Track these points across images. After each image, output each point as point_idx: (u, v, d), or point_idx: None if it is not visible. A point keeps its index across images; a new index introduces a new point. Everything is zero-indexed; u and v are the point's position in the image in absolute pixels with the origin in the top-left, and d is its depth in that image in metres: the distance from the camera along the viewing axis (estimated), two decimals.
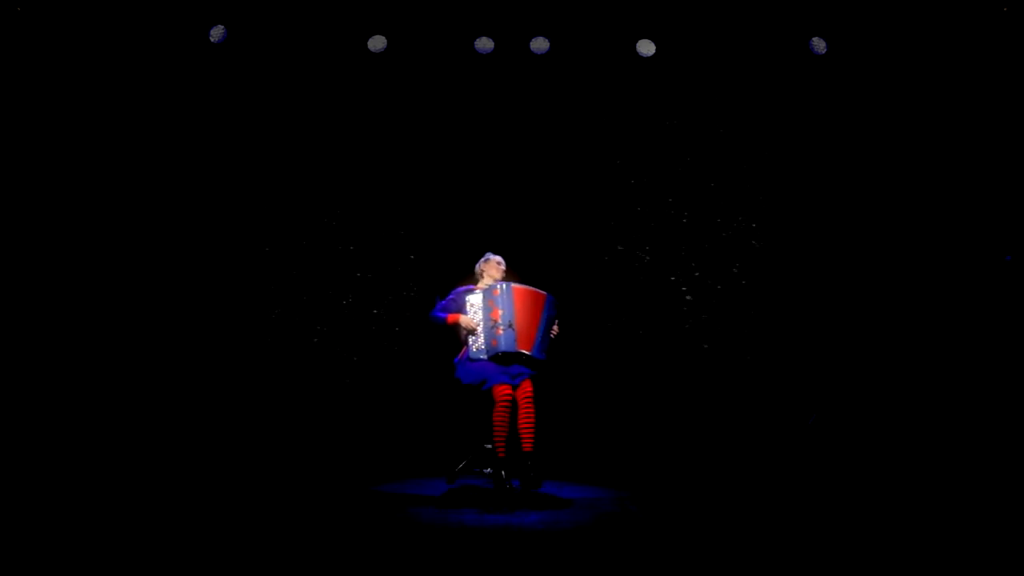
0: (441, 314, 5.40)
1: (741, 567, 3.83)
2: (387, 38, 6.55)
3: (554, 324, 5.38)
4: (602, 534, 4.31)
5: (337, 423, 6.67)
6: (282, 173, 6.79)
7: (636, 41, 6.59)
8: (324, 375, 6.74)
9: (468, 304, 5.35)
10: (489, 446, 5.21)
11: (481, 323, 5.26)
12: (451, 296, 5.45)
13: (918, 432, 6.31)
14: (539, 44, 6.58)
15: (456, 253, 6.61)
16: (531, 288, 5.33)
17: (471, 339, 5.29)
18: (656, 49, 6.58)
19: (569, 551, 4.01)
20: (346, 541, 4.15)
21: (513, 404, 5.10)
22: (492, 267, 5.53)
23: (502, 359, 5.18)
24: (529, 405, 5.11)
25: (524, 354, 5.16)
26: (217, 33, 6.41)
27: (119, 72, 6.50)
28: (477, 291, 5.37)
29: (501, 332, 5.15)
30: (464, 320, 5.31)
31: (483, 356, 5.21)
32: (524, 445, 5.11)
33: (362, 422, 6.68)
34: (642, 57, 6.60)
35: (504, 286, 5.25)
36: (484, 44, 6.56)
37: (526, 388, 5.15)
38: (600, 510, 4.80)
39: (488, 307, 5.23)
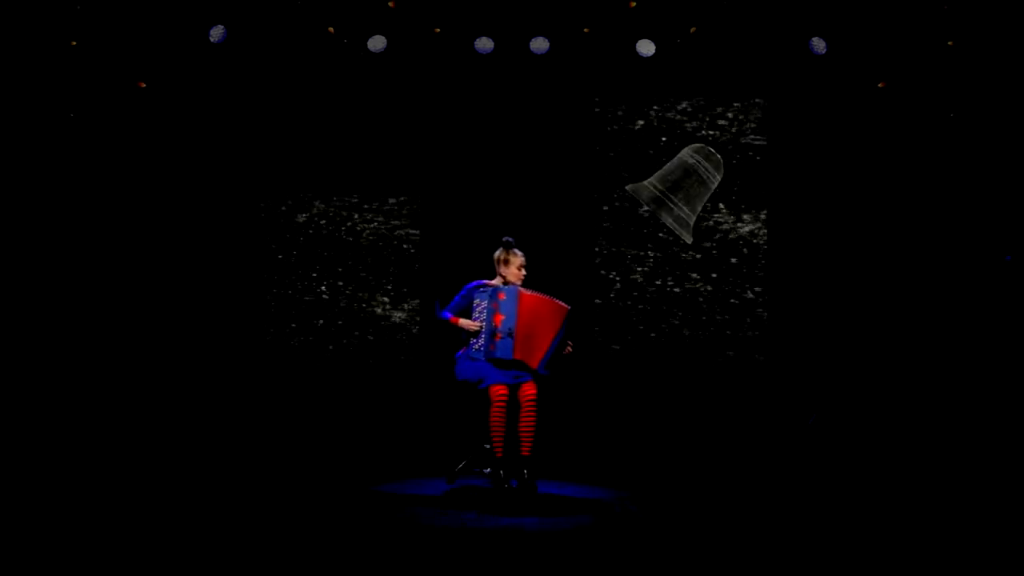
0: (447, 314, 5.31)
1: (741, 567, 3.83)
2: (387, 38, 6.55)
3: (567, 343, 5.25)
4: (602, 534, 4.31)
5: (337, 423, 6.66)
6: (282, 172, 6.79)
7: (636, 41, 6.58)
8: (324, 375, 6.75)
9: (475, 303, 5.28)
10: (488, 446, 5.20)
11: (484, 324, 5.19)
12: (463, 292, 5.34)
13: (918, 432, 6.30)
14: (539, 44, 6.58)
15: (456, 253, 6.62)
16: (547, 298, 5.18)
17: (472, 338, 5.25)
18: (656, 49, 6.58)
19: (569, 551, 4.00)
20: (346, 541, 4.15)
21: (510, 404, 5.08)
22: (512, 268, 5.26)
23: (499, 363, 5.14)
24: (531, 409, 5.07)
25: (520, 362, 5.11)
26: (217, 33, 6.40)
27: (118, 72, 6.50)
28: (485, 290, 5.26)
29: (499, 339, 5.08)
30: (464, 323, 5.26)
31: (481, 357, 5.19)
32: (522, 450, 5.08)
33: (362, 422, 6.68)
34: (642, 57, 6.60)
35: (510, 291, 5.14)
36: (484, 44, 6.56)
37: (529, 390, 5.10)
38: (600, 510, 4.80)
39: (492, 309, 5.15)
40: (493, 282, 5.30)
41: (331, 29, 6.35)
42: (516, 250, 5.31)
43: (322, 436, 6.55)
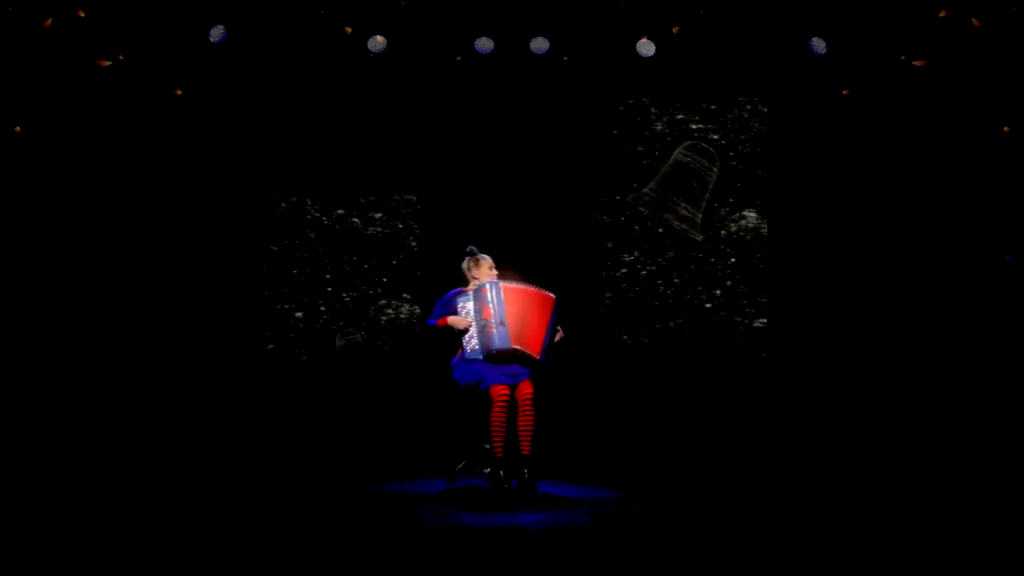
0: (432, 320, 5.39)
1: (741, 567, 3.83)
2: (387, 38, 6.55)
3: (558, 329, 5.33)
4: (602, 534, 4.31)
5: (337, 423, 6.67)
6: (281, 173, 6.80)
7: (636, 41, 6.58)
8: (324, 375, 6.75)
9: (460, 306, 5.32)
10: (488, 446, 5.21)
11: (474, 323, 5.22)
12: (443, 301, 5.40)
13: (918, 432, 6.31)
14: (539, 44, 6.58)
15: (457, 253, 6.60)
16: (531, 288, 5.25)
17: (465, 339, 5.27)
18: (656, 49, 6.58)
19: (569, 551, 4.01)
20: (346, 541, 4.15)
21: (511, 404, 5.09)
22: (483, 269, 5.38)
23: (497, 358, 5.14)
24: (529, 407, 5.09)
25: (519, 351, 5.13)
26: (217, 33, 6.40)
27: (118, 72, 6.50)
28: (468, 292, 5.32)
29: (493, 331, 5.09)
30: (453, 320, 5.29)
31: (479, 356, 5.19)
32: (522, 449, 5.08)
33: (362, 422, 6.68)
34: (642, 57, 6.60)
35: (491, 284, 5.19)
36: (484, 44, 6.56)
37: (526, 389, 5.12)
38: (600, 510, 4.80)
39: (479, 307, 5.19)
40: (471, 287, 5.35)
41: (348, 29, 6.35)
42: (480, 255, 5.42)
43: (322, 436, 6.55)
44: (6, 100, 6.31)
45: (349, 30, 6.13)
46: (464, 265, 5.45)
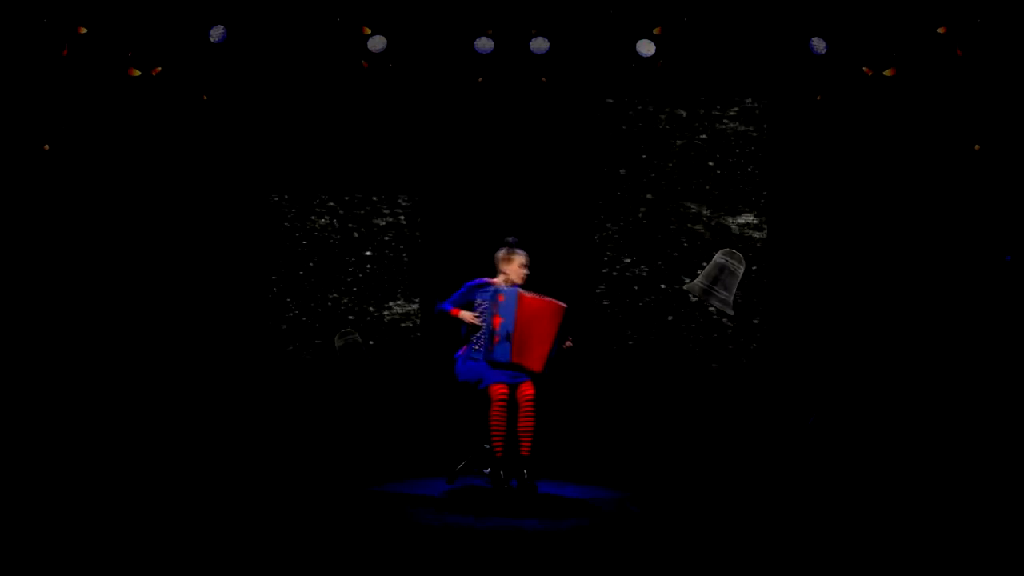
0: (447, 306, 5.29)
1: (741, 567, 3.84)
2: (387, 38, 6.55)
3: (567, 338, 5.26)
4: (602, 534, 4.31)
5: (337, 423, 6.67)
6: (281, 173, 6.80)
7: (636, 41, 6.58)
8: (324, 375, 6.76)
9: (477, 301, 5.27)
10: (488, 446, 5.20)
11: (484, 324, 5.18)
12: (462, 290, 5.33)
13: (918, 432, 6.31)
14: (539, 44, 6.58)
15: (457, 253, 6.62)
16: (546, 300, 5.14)
17: (474, 337, 5.25)
18: (656, 49, 6.58)
19: (569, 552, 4.01)
20: (346, 541, 4.15)
21: (510, 404, 5.08)
22: (513, 266, 5.28)
23: (498, 364, 5.13)
24: (530, 408, 5.07)
25: (519, 365, 5.10)
26: (217, 33, 6.40)
27: (118, 72, 6.50)
28: (489, 289, 5.22)
29: (497, 341, 5.06)
30: (465, 315, 5.25)
31: (480, 357, 5.18)
32: (522, 450, 5.07)
33: (362, 422, 6.68)
34: (642, 57, 6.60)
35: (510, 293, 5.11)
36: (484, 44, 6.56)
37: (527, 390, 5.10)
38: (600, 510, 4.80)
39: (491, 311, 5.14)
40: (495, 280, 5.29)
41: (366, 29, 6.35)
42: (518, 250, 5.30)
43: (322, 436, 6.55)
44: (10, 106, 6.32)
45: (368, 30, 6.13)
46: (498, 255, 5.34)
